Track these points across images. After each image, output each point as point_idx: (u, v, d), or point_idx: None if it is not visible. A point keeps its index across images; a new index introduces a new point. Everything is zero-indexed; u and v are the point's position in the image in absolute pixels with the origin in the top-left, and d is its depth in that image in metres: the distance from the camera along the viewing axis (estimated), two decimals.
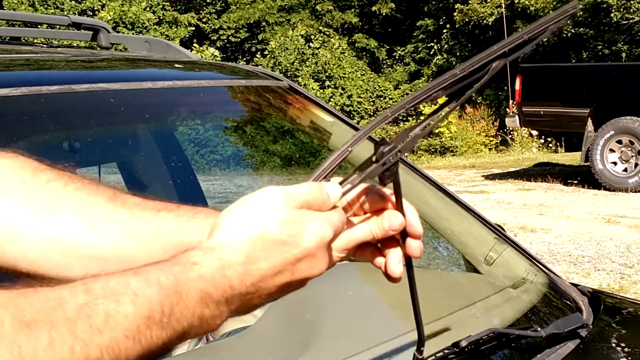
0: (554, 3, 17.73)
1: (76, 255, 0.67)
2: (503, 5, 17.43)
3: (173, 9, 23.94)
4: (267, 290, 0.60)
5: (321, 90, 20.30)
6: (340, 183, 0.65)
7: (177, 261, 0.56)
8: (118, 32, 14.73)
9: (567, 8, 0.68)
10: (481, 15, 19.34)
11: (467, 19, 19.61)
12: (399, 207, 0.68)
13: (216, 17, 24.59)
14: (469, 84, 0.67)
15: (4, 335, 0.44)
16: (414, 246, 0.70)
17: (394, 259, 0.69)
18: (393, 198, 0.68)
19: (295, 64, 20.35)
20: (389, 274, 0.69)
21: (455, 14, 19.90)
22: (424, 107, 17.75)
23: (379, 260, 0.70)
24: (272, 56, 20.69)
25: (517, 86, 9.68)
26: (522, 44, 0.67)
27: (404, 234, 0.70)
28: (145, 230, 0.68)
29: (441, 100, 0.72)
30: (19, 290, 0.48)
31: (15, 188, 0.66)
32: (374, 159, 0.64)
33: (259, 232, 0.59)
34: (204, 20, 24.48)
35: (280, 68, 19.90)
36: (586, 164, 9.19)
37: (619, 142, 8.83)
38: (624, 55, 18.10)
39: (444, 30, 22.10)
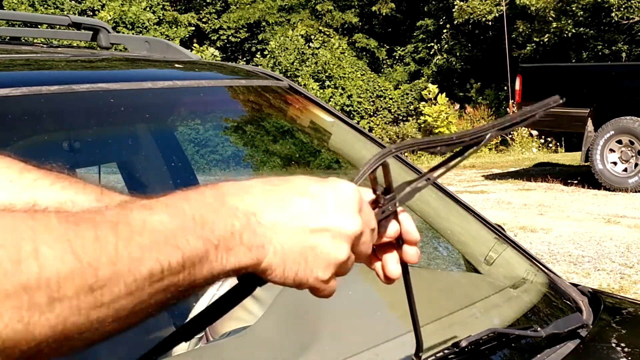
0: (554, 3, 17.73)
1: None
2: (503, 4, 17.41)
3: (173, 9, 23.94)
4: (288, 239, 0.60)
5: (321, 90, 20.30)
6: None
7: (208, 187, 0.59)
8: (118, 32, 14.73)
9: (549, 101, 0.84)
10: (480, 13, 19.32)
11: (466, 16, 19.60)
12: (394, 215, 0.70)
13: (216, 17, 24.58)
14: (464, 149, 0.74)
15: (52, 229, 0.45)
16: (410, 252, 0.72)
17: (391, 262, 0.70)
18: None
19: (295, 64, 20.35)
20: (387, 275, 0.71)
21: (454, 9, 19.89)
22: (423, 107, 17.77)
23: (377, 265, 0.71)
24: (272, 56, 20.68)
25: (517, 86, 9.69)
26: (515, 123, 0.77)
27: (400, 240, 0.71)
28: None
29: (437, 160, 0.79)
30: (56, 208, 0.51)
31: (2, 188, 0.66)
32: (374, 201, 0.68)
33: (289, 199, 0.61)
34: (204, 20, 24.48)
35: (280, 68, 19.90)
36: (586, 164, 9.19)
37: (619, 142, 8.83)
38: (624, 55, 18.10)
39: (444, 30, 22.10)
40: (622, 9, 16.73)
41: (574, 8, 17.50)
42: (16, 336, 0.42)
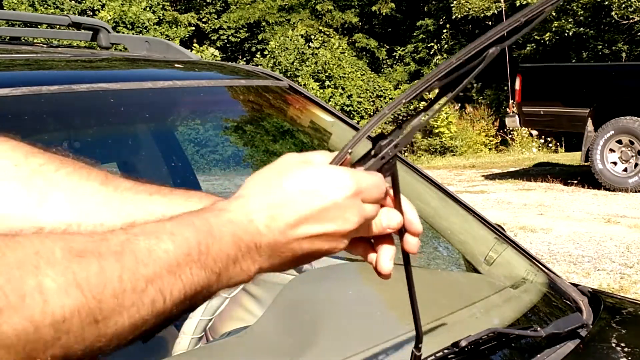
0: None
1: None
2: (502, 1, 17.40)
3: (173, 9, 23.93)
4: (298, 242, 0.62)
5: (321, 90, 20.29)
6: None
7: (207, 210, 0.60)
8: (118, 32, 14.73)
9: None
10: (479, 8, 19.32)
11: (464, 12, 19.59)
12: (397, 203, 0.68)
13: (216, 17, 24.58)
14: (465, 73, 0.67)
15: (57, 262, 0.46)
16: (412, 242, 0.71)
17: (385, 256, 0.70)
18: (391, 192, 0.68)
19: (295, 64, 20.34)
20: (379, 271, 0.70)
21: (454, 4, 19.88)
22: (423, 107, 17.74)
23: (371, 256, 0.71)
24: (272, 56, 20.68)
25: (517, 86, 9.68)
26: (518, 27, 0.66)
27: (402, 230, 0.69)
28: (137, 214, 0.68)
29: (435, 93, 0.71)
30: (62, 230, 0.52)
31: (6, 172, 0.66)
32: (372, 152, 0.65)
33: (279, 183, 0.62)
34: (204, 20, 24.48)
35: (280, 68, 19.89)
36: (586, 164, 9.19)
37: (619, 142, 8.83)
38: (624, 55, 18.10)
39: (444, 30, 22.10)
40: (622, 8, 16.72)
41: (574, 7, 17.50)
42: None
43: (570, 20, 17.81)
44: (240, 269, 0.58)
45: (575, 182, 9.49)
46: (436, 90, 0.70)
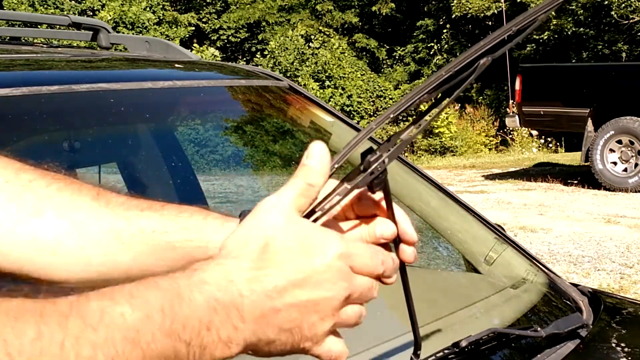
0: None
1: (60, 257, 0.66)
2: (502, 1, 17.41)
3: (173, 9, 23.93)
4: (287, 311, 0.55)
5: (321, 90, 20.29)
6: (328, 195, 0.62)
7: (177, 270, 0.54)
8: (118, 32, 14.73)
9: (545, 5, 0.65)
10: (479, 8, 19.33)
11: (464, 10, 19.60)
12: (389, 214, 0.66)
13: (216, 17, 24.59)
14: (456, 84, 0.64)
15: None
16: (407, 252, 0.69)
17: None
18: (384, 204, 0.66)
19: (295, 64, 20.34)
20: (384, 281, 0.69)
21: (454, 4, 19.88)
22: (424, 107, 17.75)
23: None
24: (272, 56, 20.68)
25: (517, 86, 9.69)
26: (510, 37, 0.63)
27: (397, 240, 0.68)
28: (128, 230, 0.67)
29: (426, 105, 0.69)
30: (5, 293, 0.46)
31: None
32: (361, 168, 0.62)
33: (263, 240, 0.56)
34: (204, 20, 24.48)
35: (280, 68, 19.89)
36: (586, 164, 9.19)
37: (619, 142, 8.83)
38: (624, 55, 18.10)
39: (444, 30, 22.11)
40: (622, 8, 16.72)
41: (573, 6, 17.51)
42: None
43: (569, 19, 17.81)
44: (217, 337, 0.51)
45: (575, 182, 9.49)
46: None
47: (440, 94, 0.64)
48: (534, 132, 14.32)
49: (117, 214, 0.68)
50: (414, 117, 0.66)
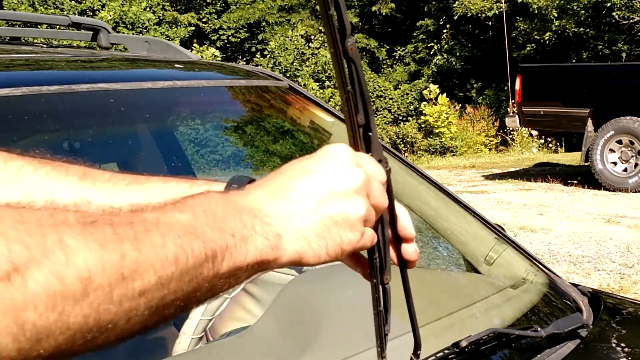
0: (557, 1, 17.72)
1: None
2: (503, 1, 17.40)
3: (173, 9, 23.93)
4: (302, 221, 0.59)
5: (321, 90, 20.30)
6: None
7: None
8: (118, 32, 14.73)
9: None
10: (480, 8, 19.34)
11: (465, 10, 19.61)
12: (390, 209, 0.67)
13: (216, 17, 24.59)
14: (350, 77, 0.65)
15: (72, 224, 0.46)
16: (409, 250, 0.70)
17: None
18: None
19: (295, 64, 20.35)
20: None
21: (455, 4, 19.89)
22: (424, 107, 17.79)
23: (362, 268, 0.70)
24: (272, 56, 20.68)
25: (517, 86, 9.69)
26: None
27: (398, 238, 0.69)
28: (117, 206, 0.67)
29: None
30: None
31: None
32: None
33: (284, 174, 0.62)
34: (204, 20, 24.48)
35: (280, 68, 19.89)
36: (586, 164, 9.19)
37: (619, 142, 8.83)
38: (624, 55, 18.10)
39: (444, 30, 22.10)
40: (622, 9, 16.73)
41: (574, 7, 17.51)
42: (50, 326, 0.42)
43: (570, 20, 17.81)
44: (254, 231, 0.56)
45: (575, 182, 9.49)
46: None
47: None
48: (534, 132, 14.32)
49: (103, 191, 0.69)
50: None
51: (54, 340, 0.43)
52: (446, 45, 22.15)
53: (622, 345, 1.30)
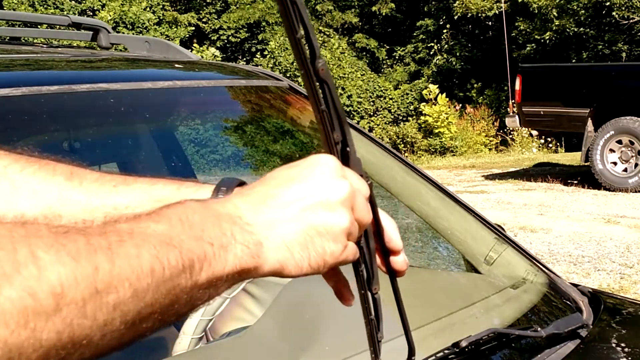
0: (557, 0, 17.72)
1: None
2: (502, 1, 17.40)
3: (173, 9, 23.94)
4: (284, 230, 0.58)
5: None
6: None
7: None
8: (118, 32, 14.73)
9: None
10: (481, 8, 19.34)
11: (465, 11, 19.62)
12: (375, 221, 0.66)
13: (216, 17, 24.59)
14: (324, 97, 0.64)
15: (44, 236, 0.44)
16: (399, 261, 0.70)
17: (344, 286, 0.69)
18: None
19: (295, 64, 20.34)
20: (342, 300, 0.69)
21: (456, 3, 19.90)
22: (424, 107, 17.79)
23: (334, 282, 0.69)
24: (272, 56, 20.69)
25: (517, 86, 9.69)
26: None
27: (386, 250, 0.68)
28: (102, 209, 0.67)
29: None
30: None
31: None
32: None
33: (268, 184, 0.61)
34: (204, 20, 24.48)
35: (280, 68, 19.89)
36: (586, 164, 9.19)
37: (619, 142, 8.83)
38: (624, 55, 18.10)
39: (444, 30, 22.10)
40: (622, 8, 16.73)
41: (574, 6, 17.51)
42: (22, 343, 0.41)
43: (571, 20, 17.81)
44: (234, 239, 0.55)
45: (575, 182, 9.49)
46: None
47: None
48: (534, 132, 14.32)
49: (90, 191, 0.68)
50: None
51: (27, 358, 0.41)
52: (446, 45, 22.15)
53: (622, 345, 1.30)
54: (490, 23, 21.24)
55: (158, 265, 0.48)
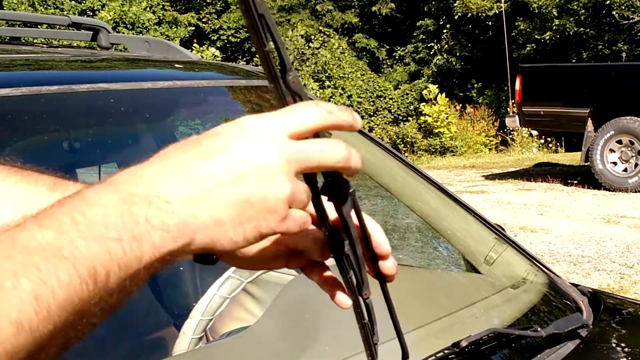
0: (557, 0, 17.73)
1: None
2: (502, 1, 17.41)
3: (173, 9, 23.94)
4: (211, 204, 0.51)
5: (321, 90, 20.30)
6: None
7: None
8: (118, 32, 14.73)
9: None
10: (481, 8, 19.35)
11: (465, 10, 19.63)
12: (362, 227, 0.65)
13: (216, 17, 24.59)
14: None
15: None
16: (388, 265, 0.67)
17: (340, 289, 0.67)
18: (355, 219, 0.64)
19: (295, 64, 20.35)
20: (339, 304, 0.68)
21: (456, 3, 19.91)
22: (423, 107, 17.78)
23: (328, 287, 0.68)
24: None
25: (517, 86, 9.69)
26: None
27: (374, 255, 0.67)
28: None
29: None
30: None
31: None
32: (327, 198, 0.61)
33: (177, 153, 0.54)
34: (204, 20, 24.48)
35: None
36: (586, 164, 9.19)
37: (619, 142, 8.84)
38: (624, 55, 18.10)
39: (444, 30, 22.10)
40: (622, 7, 16.73)
41: (574, 6, 17.52)
42: None
43: (571, 19, 17.82)
44: (149, 226, 0.48)
45: (575, 182, 9.49)
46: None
47: None
48: (534, 132, 14.32)
49: None
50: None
51: None
52: (446, 45, 22.15)
53: (622, 345, 1.30)
54: (490, 23, 21.24)
55: (44, 290, 0.42)
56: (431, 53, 22.49)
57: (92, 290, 0.44)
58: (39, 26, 2.31)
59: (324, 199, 0.61)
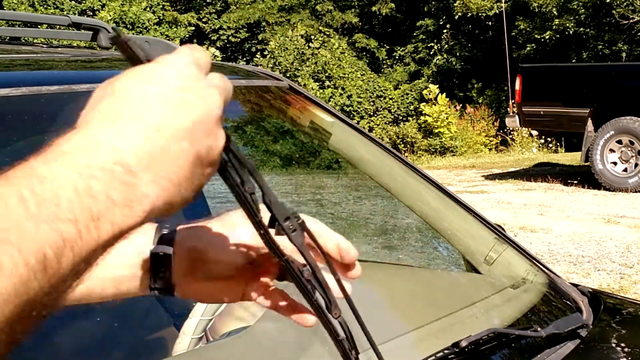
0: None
1: None
2: (502, 0, 17.41)
3: (173, 9, 23.94)
4: (176, 145, 0.47)
5: (321, 91, 20.30)
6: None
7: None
8: None
9: None
10: (481, 7, 19.36)
11: (465, 10, 19.64)
12: (322, 254, 0.65)
13: (216, 17, 24.59)
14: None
15: None
16: (355, 270, 0.68)
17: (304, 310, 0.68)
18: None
19: (295, 64, 20.34)
20: (303, 324, 0.68)
21: (456, 3, 19.92)
22: (424, 107, 17.78)
23: (289, 311, 0.69)
24: (272, 56, 20.68)
25: (517, 86, 9.69)
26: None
27: (334, 272, 0.67)
28: None
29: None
30: None
31: None
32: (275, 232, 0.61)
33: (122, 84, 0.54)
34: (204, 20, 24.48)
35: (280, 68, 19.89)
36: (586, 164, 9.19)
37: (619, 142, 8.84)
38: (624, 55, 18.10)
39: (444, 30, 22.10)
40: (622, 6, 16.73)
41: (575, 6, 17.52)
42: None
43: (571, 19, 17.82)
44: (110, 202, 0.42)
45: (575, 182, 9.49)
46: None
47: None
48: (534, 132, 14.33)
49: None
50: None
51: None
52: (446, 45, 22.15)
53: (622, 345, 1.30)
54: (490, 23, 21.24)
55: None
56: (431, 53, 22.49)
57: (41, 278, 0.39)
58: (39, 26, 2.31)
59: (271, 231, 0.60)
